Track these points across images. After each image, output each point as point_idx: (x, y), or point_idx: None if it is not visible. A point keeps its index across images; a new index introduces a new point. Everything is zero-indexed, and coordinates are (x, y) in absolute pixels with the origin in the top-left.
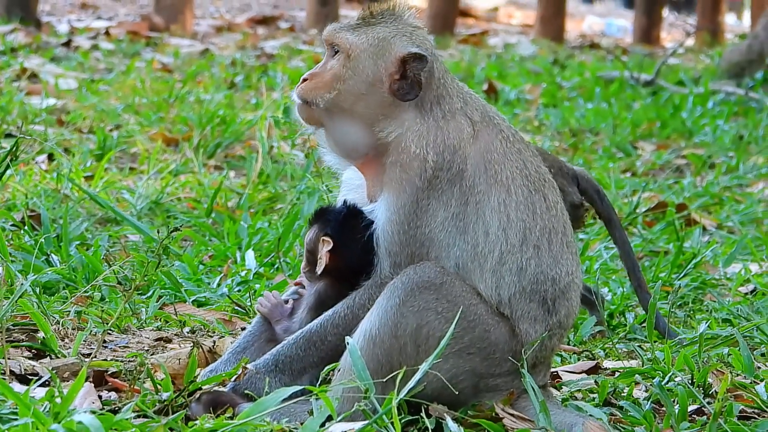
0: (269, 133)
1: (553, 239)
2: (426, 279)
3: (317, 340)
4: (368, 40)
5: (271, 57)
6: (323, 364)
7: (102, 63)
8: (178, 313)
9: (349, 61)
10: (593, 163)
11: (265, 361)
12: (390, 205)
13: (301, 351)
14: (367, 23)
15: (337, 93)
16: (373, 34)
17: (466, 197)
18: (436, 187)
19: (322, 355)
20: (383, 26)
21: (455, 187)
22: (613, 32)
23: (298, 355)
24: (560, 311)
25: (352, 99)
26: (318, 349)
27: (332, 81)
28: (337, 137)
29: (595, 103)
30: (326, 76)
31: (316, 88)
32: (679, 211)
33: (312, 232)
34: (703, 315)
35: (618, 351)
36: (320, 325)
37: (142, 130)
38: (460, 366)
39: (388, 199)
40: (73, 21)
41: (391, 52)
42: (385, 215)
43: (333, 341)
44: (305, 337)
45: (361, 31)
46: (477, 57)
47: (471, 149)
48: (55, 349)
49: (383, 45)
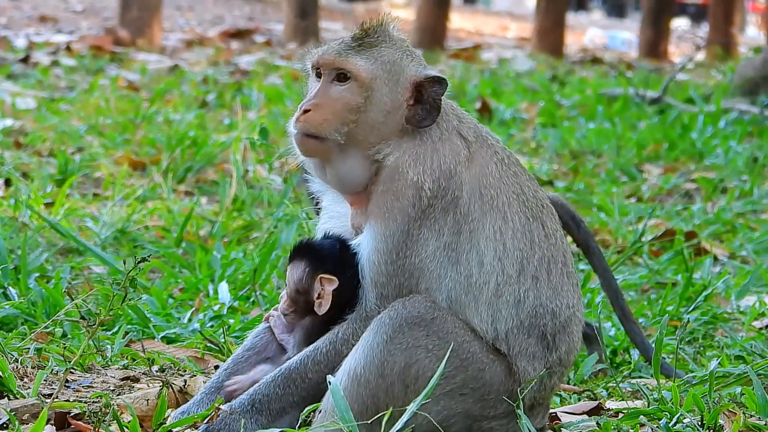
0: (244, 156)
1: (552, 269)
2: (416, 314)
3: (297, 377)
4: (381, 65)
5: (246, 73)
6: (304, 404)
7: (63, 80)
8: (146, 350)
9: (364, 89)
10: (595, 187)
11: (241, 402)
12: (377, 234)
13: (280, 390)
14: (367, 44)
15: (354, 125)
16: (382, 58)
17: (459, 226)
18: (429, 215)
19: (303, 394)
20: (386, 47)
21: (449, 215)
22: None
23: (276, 393)
24: (561, 347)
25: (369, 130)
26: (298, 388)
27: (345, 112)
28: (341, 170)
29: (598, 122)
30: (336, 107)
31: (326, 121)
32: (688, 240)
33: (301, 269)
34: (714, 351)
35: (622, 390)
36: (300, 362)
37: (106, 153)
38: (451, 408)
39: (375, 228)
40: (32, 35)
41: (404, 76)
42: (371, 244)
43: (314, 379)
44: (284, 375)
45: (368, 55)
46: (469, 73)
47: (466, 174)
48: (13, 389)
49: (396, 69)
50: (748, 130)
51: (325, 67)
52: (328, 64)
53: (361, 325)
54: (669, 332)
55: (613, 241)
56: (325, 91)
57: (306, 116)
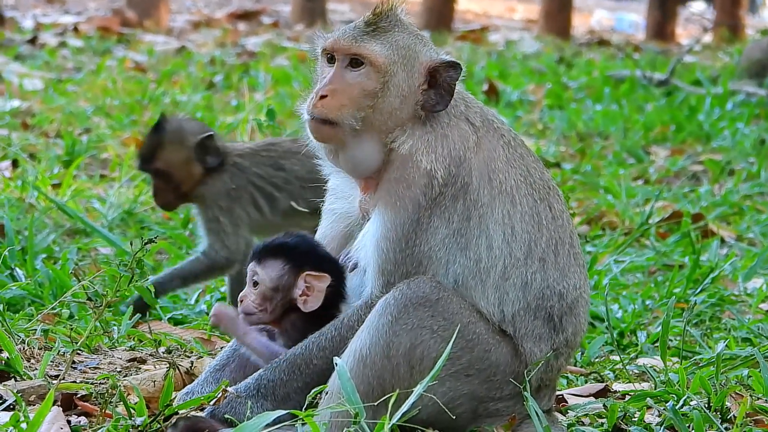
0: (251, 137)
1: (559, 251)
2: (421, 295)
3: (302, 363)
4: (396, 50)
5: (253, 55)
6: (309, 389)
7: (70, 61)
8: (153, 331)
9: (381, 74)
10: (602, 169)
11: (247, 385)
12: (387, 222)
13: (285, 375)
14: (381, 29)
15: (370, 111)
16: (397, 43)
17: (469, 212)
18: (440, 204)
19: (308, 380)
20: (399, 32)
21: (458, 202)
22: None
23: (281, 379)
24: (567, 329)
25: (386, 115)
26: (303, 374)
27: (362, 98)
28: (355, 155)
29: (605, 104)
30: (353, 93)
31: (343, 107)
32: (696, 222)
33: (280, 268)
34: (721, 334)
35: (628, 372)
36: (305, 348)
37: (113, 134)
38: (457, 389)
39: (385, 216)
40: (39, 16)
41: (418, 61)
42: (380, 232)
43: (319, 365)
44: (289, 360)
45: (383, 40)
46: (476, 55)
47: (475, 159)
48: (20, 371)
49: (410, 55)
50: (755, 113)
51: (340, 53)
52: (344, 50)
53: (366, 312)
54: (676, 314)
55: (620, 223)
56: (340, 76)
57: (323, 102)
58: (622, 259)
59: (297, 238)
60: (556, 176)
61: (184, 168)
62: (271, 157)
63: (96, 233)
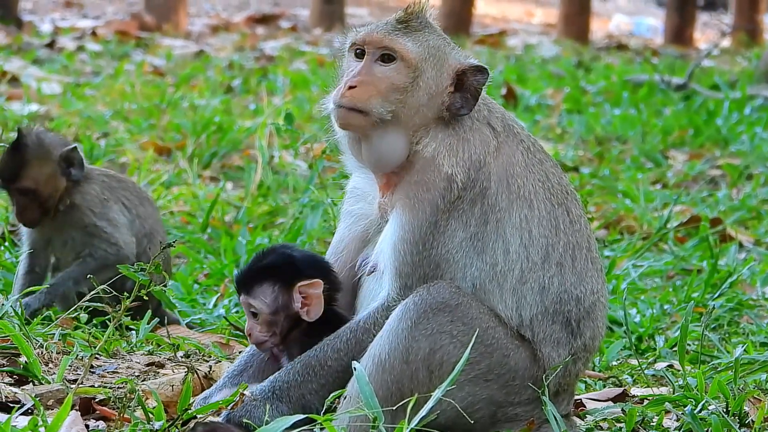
0: (269, 141)
1: (577, 255)
2: (440, 300)
3: (316, 364)
4: (427, 49)
5: (272, 59)
6: (323, 392)
7: (88, 65)
8: (171, 336)
9: (411, 70)
10: (621, 173)
11: (262, 388)
12: (405, 224)
13: (299, 377)
14: (412, 28)
15: (399, 104)
16: (428, 42)
17: (486, 216)
18: (458, 207)
19: (323, 381)
20: (429, 33)
21: (476, 206)
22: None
23: (295, 380)
24: (585, 333)
25: (413, 111)
26: (317, 375)
27: (391, 91)
28: (379, 148)
29: (623, 108)
30: (382, 85)
31: (372, 97)
32: (714, 226)
33: (270, 291)
34: (739, 338)
35: (647, 377)
36: (320, 349)
37: (131, 138)
38: (476, 394)
39: (403, 218)
40: (57, 20)
41: (447, 63)
42: (397, 233)
43: (333, 366)
44: (303, 362)
45: (414, 37)
46: (495, 59)
47: (494, 164)
48: (38, 375)
49: (440, 55)
50: None
51: (372, 46)
52: (376, 43)
53: (383, 315)
54: (694, 319)
55: (638, 228)
56: (370, 69)
57: (352, 91)
58: (641, 264)
59: (272, 255)
60: (574, 180)
61: (50, 183)
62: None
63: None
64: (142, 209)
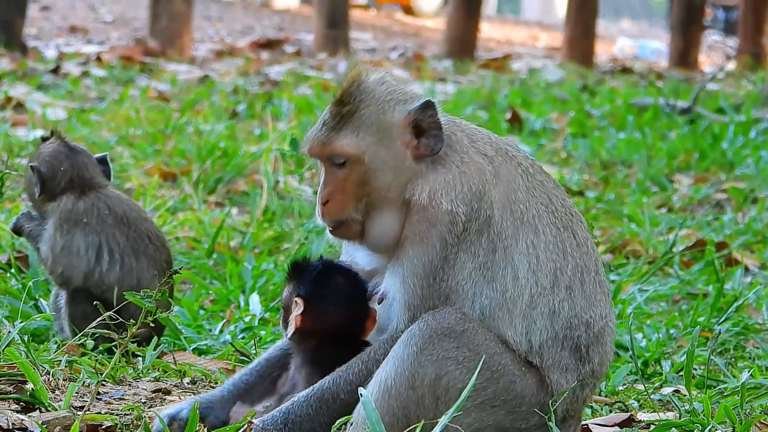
0: (275, 166)
1: (585, 279)
2: (446, 326)
3: (329, 398)
4: (367, 131)
5: (276, 84)
6: (333, 424)
7: (93, 91)
8: (177, 362)
9: (363, 164)
10: (626, 197)
11: (274, 418)
12: (413, 258)
13: (312, 410)
14: (347, 115)
15: (371, 196)
16: (366, 122)
17: (494, 244)
18: (465, 239)
19: (334, 414)
20: (365, 107)
21: (483, 236)
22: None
23: (308, 414)
24: (594, 359)
25: (384, 192)
26: (330, 408)
27: (357, 191)
28: (374, 233)
29: (628, 132)
30: (347, 190)
31: (344, 206)
32: (719, 250)
33: (287, 290)
34: (746, 363)
35: (653, 402)
36: (333, 382)
37: (136, 163)
38: (483, 420)
39: (412, 252)
40: (62, 46)
41: (394, 126)
42: (407, 267)
43: (346, 399)
44: (317, 396)
45: (351, 128)
46: (499, 83)
47: (495, 192)
48: (45, 402)
49: (383, 125)
50: None
51: (318, 157)
52: (318, 154)
53: (392, 347)
54: (700, 343)
55: (644, 252)
56: (331, 178)
57: (325, 209)
58: (646, 288)
59: (317, 261)
60: (579, 204)
61: (29, 190)
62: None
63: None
64: (133, 261)
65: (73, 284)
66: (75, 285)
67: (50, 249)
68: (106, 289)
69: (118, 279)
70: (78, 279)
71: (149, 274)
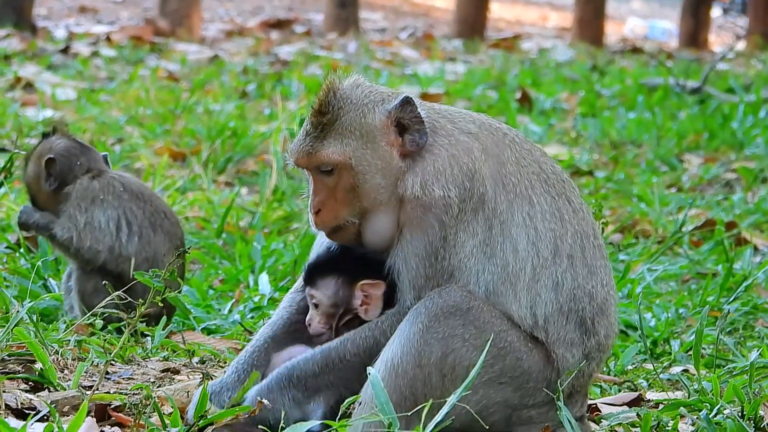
0: (284, 146)
1: (585, 244)
2: (451, 304)
3: (335, 357)
4: (350, 136)
5: (286, 64)
6: (339, 384)
7: (103, 71)
8: (186, 341)
9: (351, 169)
10: (636, 177)
11: (279, 374)
12: (414, 240)
13: (318, 368)
14: (328, 123)
15: (362, 199)
16: (348, 128)
17: (490, 221)
18: (462, 220)
19: (339, 374)
20: (345, 114)
21: (479, 214)
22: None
23: (314, 371)
24: (599, 332)
25: (375, 194)
26: (335, 368)
27: (348, 197)
28: (373, 233)
29: (638, 112)
30: (339, 196)
31: (337, 213)
32: (729, 230)
33: (334, 284)
34: (755, 342)
35: (662, 381)
36: (340, 343)
37: (146, 143)
38: (490, 397)
39: (413, 234)
40: (72, 26)
41: (376, 128)
42: (408, 248)
43: (352, 362)
44: (323, 355)
45: (333, 135)
46: (509, 63)
47: (485, 167)
48: (53, 381)
49: (366, 128)
50: None
51: (305, 168)
52: (305, 165)
53: (398, 320)
54: (709, 323)
55: (653, 231)
56: (320, 186)
57: (318, 217)
58: (656, 268)
59: (341, 250)
60: (588, 185)
61: (35, 184)
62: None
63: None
64: (150, 234)
65: (100, 260)
66: (101, 261)
67: (72, 229)
68: (122, 262)
69: (136, 251)
70: (104, 253)
71: (165, 248)
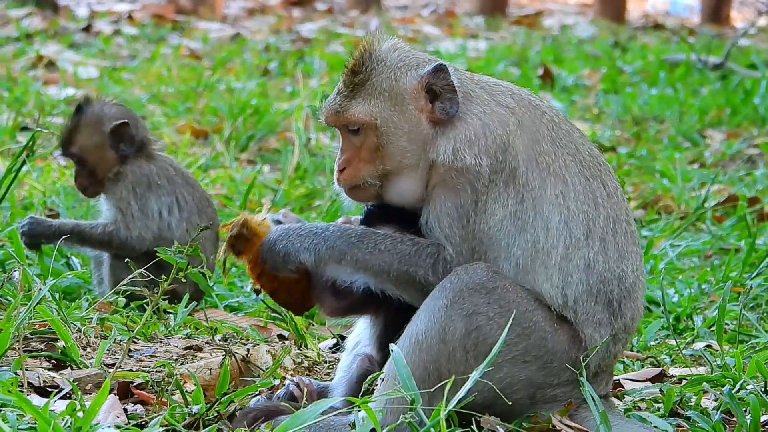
0: (306, 124)
1: (617, 229)
2: (477, 281)
3: (354, 235)
4: (379, 98)
5: (308, 41)
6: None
7: (125, 49)
8: (209, 319)
9: (378, 130)
10: (658, 153)
11: (301, 224)
12: (446, 201)
13: (353, 238)
14: (359, 83)
15: (387, 160)
16: (379, 89)
17: (521, 195)
18: (493, 189)
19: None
20: (377, 75)
21: (510, 187)
22: (679, 11)
23: (347, 240)
24: (626, 314)
25: (400, 157)
26: (350, 244)
27: (372, 157)
28: (395, 195)
29: (660, 88)
30: (363, 155)
31: (360, 171)
32: (751, 205)
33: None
34: None
35: (685, 357)
36: (365, 230)
37: (168, 121)
38: (514, 375)
39: (444, 196)
40: (93, 4)
41: (407, 92)
42: (441, 209)
43: (367, 247)
44: (364, 232)
45: (363, 95)
46: (531, 39)
47: (519, 142)
48: (76, 359)
49: (396, 91)
50: None
51: (334, 125)
52: (333, 122)
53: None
54: (732, 298)
55: (675, 207)
56: (348, 144)
57: (342, 175)
58: (678, 244)
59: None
60: (611, 160)
61: (98, 154)
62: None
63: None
64: (197, 219)
65: (145, 247)
66: (145, 248)
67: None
68: (164, 245)
69: (181, 236)
70: (149, 240)
71: (207, 232)
